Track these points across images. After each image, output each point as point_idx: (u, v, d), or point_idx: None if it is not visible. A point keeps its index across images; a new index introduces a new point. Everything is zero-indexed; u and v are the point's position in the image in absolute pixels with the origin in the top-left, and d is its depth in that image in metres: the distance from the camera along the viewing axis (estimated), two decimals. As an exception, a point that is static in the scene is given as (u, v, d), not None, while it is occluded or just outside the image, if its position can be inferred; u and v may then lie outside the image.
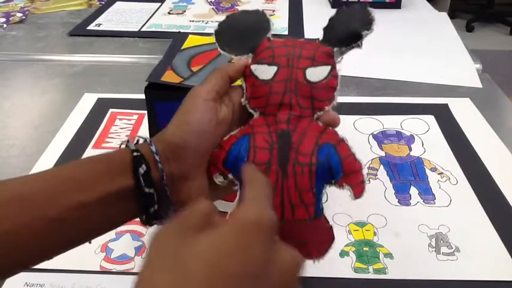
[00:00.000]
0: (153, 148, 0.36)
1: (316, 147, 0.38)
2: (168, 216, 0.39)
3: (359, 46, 0.43)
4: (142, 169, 0.35)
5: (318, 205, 0.38)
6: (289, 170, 0.38)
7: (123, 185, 0.35)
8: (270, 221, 0.28)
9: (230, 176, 0.39)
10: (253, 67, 0.42)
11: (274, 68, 0.41)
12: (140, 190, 0.35)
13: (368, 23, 0.43)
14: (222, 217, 0.30)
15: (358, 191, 0.39)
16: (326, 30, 0.44)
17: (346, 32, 0.43)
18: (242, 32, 0.44)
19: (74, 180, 0.34)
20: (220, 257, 0.25)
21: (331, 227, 0.40)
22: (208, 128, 0.38)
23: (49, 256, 0.35)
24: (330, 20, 0.44)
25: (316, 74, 0.41)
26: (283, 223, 0.38)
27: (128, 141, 0.38)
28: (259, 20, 0.44)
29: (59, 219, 0.33)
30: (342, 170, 0.38)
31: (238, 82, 0.43)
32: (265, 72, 0.41)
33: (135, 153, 0.36)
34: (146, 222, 0.38)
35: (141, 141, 0.38)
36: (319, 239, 0.40)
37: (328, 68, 0.41)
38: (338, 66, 0.42)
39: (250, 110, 0.41)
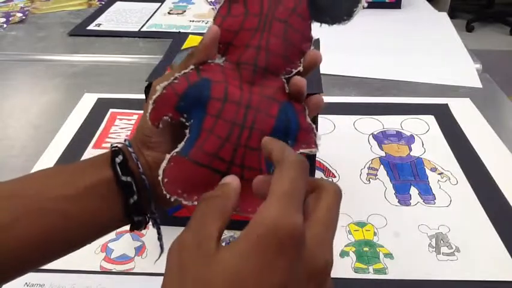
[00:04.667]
0: (127, 142, 0.39)
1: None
2: (151, 213, 0.39)
3: None
4: (118, 159, 0.37)
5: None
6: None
7: (102, 176, 0.37)
8: (294, 230, 0.26)
9: (182, 119, 0.37)
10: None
11: None
12: (118, 179, 0.37)
13: None
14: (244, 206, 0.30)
15: None
16: None
17: None
18: None
19: (59, 176, 0.37)
20: (242, 279, 0.25)
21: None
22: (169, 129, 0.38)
23: (48, 256, 0.36)
24: None
25: None
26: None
27: (112, 144, 0.40)
28: None
29: (45, 210, 0.35)
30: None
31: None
32: None
33: (113, 148, 0.38)
34: (130, 221, 0.38)
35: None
36: None
37: None
38: None
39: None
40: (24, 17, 1.26)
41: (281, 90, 0.38)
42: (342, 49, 1.02)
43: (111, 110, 0.83)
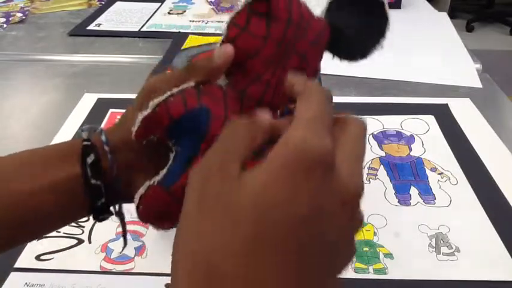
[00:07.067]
0: (103, 138, 0.35)
1: None
2: (119, 212, 0.37)
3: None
4: (90, 159, 0.34)
5: None
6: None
7: (71, 173, 0.34)
8: (324, 153, 0.24)
9: (169, 142, 0.34)
10: None
11: None
12: (87, 181, 0.34)
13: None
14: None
15: None
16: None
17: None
18: None
19: (27, 166, 0.35)
20: (270, 202, 0.23)
21: None
22: None
23: (11, 243, 0.36)
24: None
25: None
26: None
27: (82, 130, 0.36)
28: None
29: (14, 205, 0.34)
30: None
31: None
32: None
33: (84, 143, 0.35)
34: (95, 218, 0.37)
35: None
36: None
37: None
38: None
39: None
40: (24, 17, 1.26)
41: None
42: (342, 49, 1.02)
43: (111, 110, 0.83)
